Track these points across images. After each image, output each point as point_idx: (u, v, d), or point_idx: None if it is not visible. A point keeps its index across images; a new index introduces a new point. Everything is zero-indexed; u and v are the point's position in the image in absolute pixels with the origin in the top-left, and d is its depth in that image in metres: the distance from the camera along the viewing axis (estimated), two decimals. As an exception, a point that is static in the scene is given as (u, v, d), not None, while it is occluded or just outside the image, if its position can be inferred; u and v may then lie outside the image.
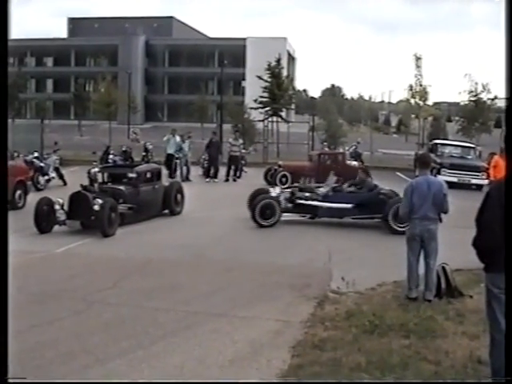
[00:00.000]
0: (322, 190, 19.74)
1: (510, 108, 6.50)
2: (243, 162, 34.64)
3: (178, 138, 32.59)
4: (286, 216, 19.39)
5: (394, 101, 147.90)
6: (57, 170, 28.41)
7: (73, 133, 69.51)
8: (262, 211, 18.67)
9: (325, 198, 19.43)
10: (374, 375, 7.31)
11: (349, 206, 19.07)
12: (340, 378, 7.33)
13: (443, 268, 11.25)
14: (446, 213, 11.13)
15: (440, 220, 11.16)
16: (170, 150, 32.40)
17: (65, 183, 27.96)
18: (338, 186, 20.03)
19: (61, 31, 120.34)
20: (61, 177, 28.36)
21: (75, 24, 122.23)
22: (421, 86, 54.87)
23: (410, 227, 11.13)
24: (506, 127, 6.68)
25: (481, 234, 6.39)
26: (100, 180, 19.80)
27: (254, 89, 63.12)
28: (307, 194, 19.80)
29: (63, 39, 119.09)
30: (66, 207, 17.64)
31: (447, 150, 36.05)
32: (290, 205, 19.61)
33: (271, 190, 20.29)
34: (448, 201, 11.02)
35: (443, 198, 10.90)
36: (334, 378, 7.34)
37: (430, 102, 61.08)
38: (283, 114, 58.39)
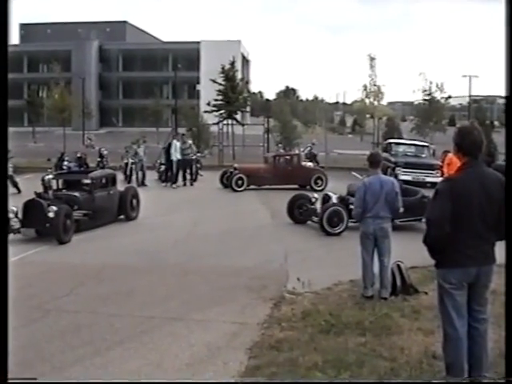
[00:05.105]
0: None
1: (509, 107, 6.59)
2: (199, 165, 34.51)
3: (178, 143, 32.11)
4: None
5: (348, 101, 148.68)
6: (11, 177, 28.03)
7: (27, 140, 68.80)
8: (330, 219, 18.02)
9: None
10: (330, 374, 7.35)
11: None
12: (297, 377, 7.36)
13: (398, 266, 11.36)
14: (398, 211, 11.27)
15: (393, 219, 11.30)
16: (177, 156, 31.61)
17: (19, 191, 27.60)
18: None
19: (13, 37, 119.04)
20: (15, 184, 28.02)
21: (27, 30, 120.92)
22: (375, 86, 55.48)
23: (363, 226, 11.22)
24: (506, 127, 6.76)
25: (430, 230, 6.46)
26: (54, 187, 19.62)
27: (208, 92, 63.00)
28: None
29: (15, 45, 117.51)
30: (20, 215, 17.46)
31: (401, 149, 36.40)
32: None
33: (315, 195, 20.01)
34: (400, 199, 11.16)
35: (395, 197, 11.03)
36: (291, 378, 7.37)
37: (384, 102, 61.79)
38: (238, 116, 58.38)
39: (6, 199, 5.44)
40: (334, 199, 18.93)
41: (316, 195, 20.06)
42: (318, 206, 19.36)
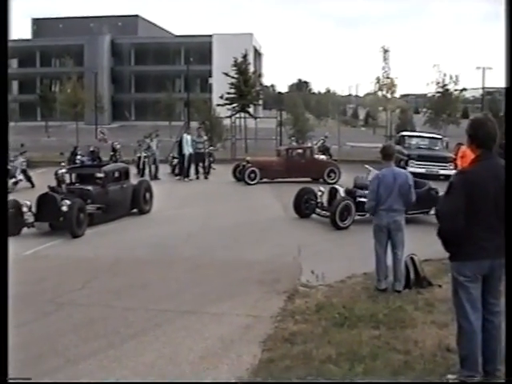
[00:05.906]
0: None
1: (509, 103, 6.55)
2: (211, 158, 34.41)
3: (189, 137, 32.08)
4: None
5: (361, 94, 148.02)
6: (24, 172, 28.17)
7: (40, 134, 68.99)
8: (341, 213, 17.83)
9: None
10: (343, 367, 7.34)
11: None
12: (311, 370, 7.35)
13: (412, 258, 11.32)
14: (411, 203, 11.24)
15: (406, 211, 11.27)
16: (189, 150, 31.59)
17: (33, 185, 27.72)
18: None
19: (25, 32, 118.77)
20: (28, 179, 28.13)
21: (39, 24, 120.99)
22: (388, 78, 55.09)
23: (376, 219, 11.19)
24: (506, 124, 6.72)
25: (444, 223, 6.43)
26: (68, 181, 19.69)
27: (221, 85, 62.81)
28: (367, 192, 19.07)
29: (28, 40, 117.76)
30: (33, 209, 17.54)
31: (414, 141, 36.21)
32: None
33: (322, 188, 19.91)
34: (413, 192, 11.13)
35: (409, 189, 10.99)
36: (305, 371, 7.36)
37: (397, 95, 61.42)
38: (251, 109, 58.17)
39: (6, 199, 5.45)
40: (342, 192, 18.85)
41: (322, 188, 19.90)
42: (324, 199, 19.29)
